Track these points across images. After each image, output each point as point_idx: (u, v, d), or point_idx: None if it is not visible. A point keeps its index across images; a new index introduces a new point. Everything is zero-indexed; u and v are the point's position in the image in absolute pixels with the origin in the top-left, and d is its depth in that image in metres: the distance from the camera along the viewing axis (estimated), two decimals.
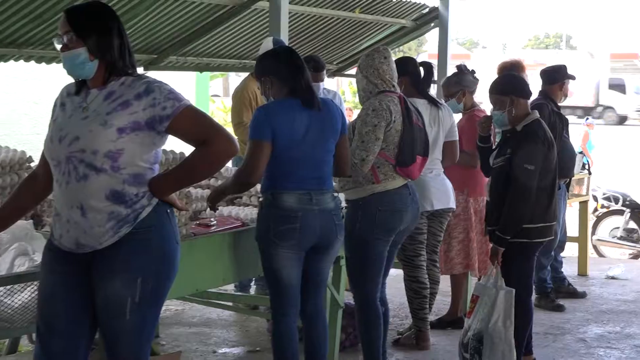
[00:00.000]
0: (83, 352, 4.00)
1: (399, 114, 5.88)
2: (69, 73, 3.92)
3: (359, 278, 6.09)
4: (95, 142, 3.74)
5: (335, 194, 5.63)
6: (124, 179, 3.78)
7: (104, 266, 3.82)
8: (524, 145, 6.09)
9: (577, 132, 14.09)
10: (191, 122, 3.85)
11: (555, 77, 8.55)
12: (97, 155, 3.74)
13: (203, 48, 10.19)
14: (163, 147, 4.08)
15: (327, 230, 5.45)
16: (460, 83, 7.37)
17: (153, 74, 10.37)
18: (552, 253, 8.63)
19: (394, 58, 6.11)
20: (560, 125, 8.08)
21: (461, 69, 7.54)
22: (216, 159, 3.94)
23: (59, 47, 3.87)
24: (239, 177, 5.37)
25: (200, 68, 11.34)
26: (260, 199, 5.54)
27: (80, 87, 3.92)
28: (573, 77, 8.70)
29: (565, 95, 8.62)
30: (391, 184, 5.93)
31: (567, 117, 8.88)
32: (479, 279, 7.18)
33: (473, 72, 7.73)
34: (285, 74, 5.38)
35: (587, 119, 20.01)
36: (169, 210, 3.95)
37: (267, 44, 7.55)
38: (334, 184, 5.75)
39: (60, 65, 4.03)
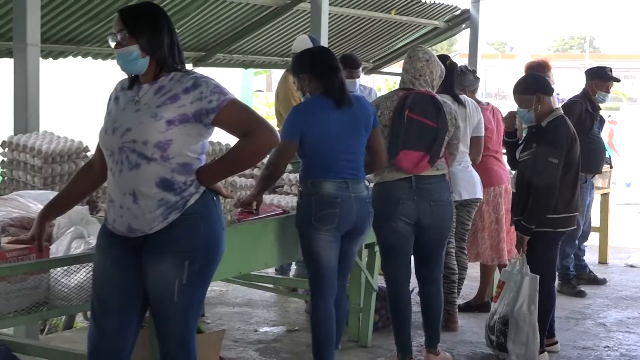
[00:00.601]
0: (134, 329, 4.03)
1: (388, 109, 5.88)
2: (122, 69, 3.94)
3: (383, 262, 6.20)
4: (145, 133, 3.77)
5: (367, 184, 5.66)
6: (172, 167, 3.80)
7: (153, 250, 3.85)
8: (547, 141, 6.09)
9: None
10: (235, 115, 3.86)
11: (595, 75, 8.50)
12: (147, 145, 3.77)
13: (248, 46, 10.20)
14: (210, 139, 4.08)
15: (362, 216, 5.51)
16: (462, 83, 7.27)
17: (201, 71, 10.41)
18: (576, 242, 8.59)
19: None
20: (589, 123, 8.03)
21: (462, 69, 7.44)
22: (259, 150, 3.97)
23: (113, 44, 3.89)
24: (262, 175, 5.46)
25: (245, 65, 11.36)
26: (300, 188, 5.55)
27: (133, 82, 3.95)
28: (617, 80, 8.67)
29: (608, 92, 8.54)
30: (388, 176, 5.92)
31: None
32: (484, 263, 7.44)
33: (474, 71, 7.69)
34: (321, 74, 5.42)
35: (610, 116, 19.87)
36: (215, 198, 3.97)
37: (304, 41, 7.55)
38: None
39: (114, 61, 4.04)
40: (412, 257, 6.17)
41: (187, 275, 3.83)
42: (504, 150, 7.27)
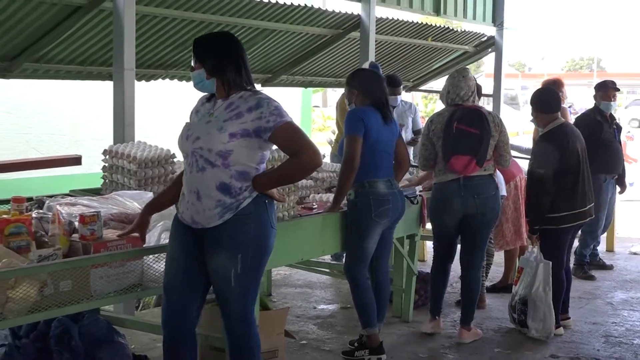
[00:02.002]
0: (197, 305, 4.10)
1: (440, 123, 5.92)
2: (195, 87, 4.06)
3: (434, 245, 6.32)
4: (210, 142, 3.83)
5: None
6: (231, 174, 3.84)
7: (210, 242, 3.91)
8: (537, 151, 6.28)
9: None
10: (288, 136, 3.86)
11: (599, 88, 8.45)
12: (211, 152, 3.83)
13: (307, 68, 10.21)
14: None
15: (402, 207, 5.69)
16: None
17: (268, 89, 10.49)
18: (598, 233, 8.54)
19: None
20: (600, 131, 7.93)
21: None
22: (303, 169, 4.01)
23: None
24: (345, 170, 5.45)
25: (305, 84, 11.38)
26: (353, 188, 5.52)
27: (211, 97, 4.01)
28: (617, 89, 8.59)
29: (611, 101, 8.42)
30: (442, 178, 5.99)
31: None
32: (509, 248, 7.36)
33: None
34: (371, 91, 5.52)
35: (629, 132, 19.32)
36: (267, 201, 3.95)
37: (365, 65, 7.61)
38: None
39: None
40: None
41: (241, 266, 3.87)
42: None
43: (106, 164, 5.54)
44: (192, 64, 4.00)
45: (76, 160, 7.34)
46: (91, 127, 9.33)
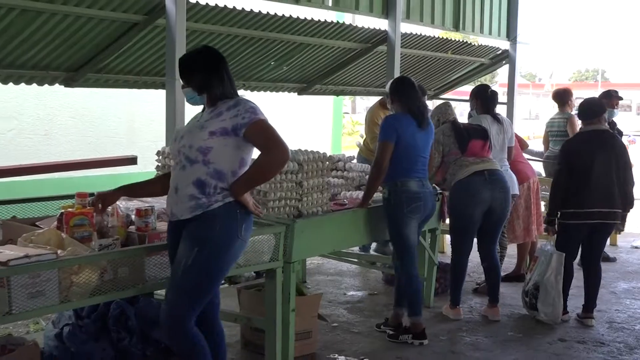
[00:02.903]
0: None
1: (446, 129, 6.14)
2: (188, 103, 4.04)
3: (454, 239, 6.32)
4: (192, 139, 3.77)
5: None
6: (208, 171, 3.73)
7: (183, 233, 3.80)
8: (560, 149, 6.36)
9: None
10: (259, 132, 3.74)
11: (604, 97, 8.42)
12: (192, 149, 3.75)
13: (339, 79, 10.21)
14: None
15: (433, 205, 5.78)
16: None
17: (303, 97, 10.50)
18: None
19: (472, 87, 6.23)
20: None
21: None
22: (273, 164, 3.82)
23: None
24: (374, 173, 5.51)
25: (336, 93, 11.36)
26: (387, 187, 5.55)
27: (204, 108, 3.94)
28: (620, 98, 8.66)
29: (614, 108, 8.42)
30: (463, 173, 6.02)
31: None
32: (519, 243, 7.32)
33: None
34: (407, 99, 5.55)
35: (630, 136, 18.84)
36: (239, 211, 3.79)
37: (390, 83, 7.69)
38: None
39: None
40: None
41: (193, 259, 3.70)
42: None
43: (159, 164, 5.57)
44: (182, 82, 3.93)
45: (132, 160, 7.39)
46: (146, 130, 9.39)
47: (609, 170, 5.95)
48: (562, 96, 8.58)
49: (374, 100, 10.92)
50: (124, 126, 9.52)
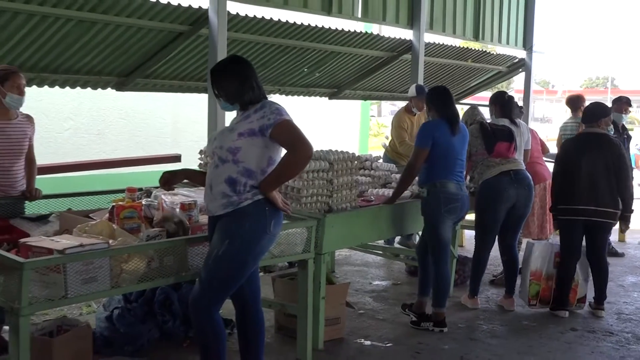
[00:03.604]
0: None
1: (474, 131, 6.05)
2: (222, 109, 4.07)
3: (479, 235, 6.23)
4: (223, 140, 3.76)
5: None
6: (238, 170, 3.72)
7: (216, 226, 3.80)
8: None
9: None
10: (285, 132, 3.70)
11: (613, 103, 8.37)
12: (223, 149, 3.74)
13: (366, 84, 10.18)
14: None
15: (467, 207, 5.68)
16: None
17: (333, 102, 10.47)
18: None
19: (490, 93, 6.17)
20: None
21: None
22: (297, 163, 3.77)
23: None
24: (406, 175, 5.50)
25: (364, 98, 11.34)
26: (421, 188, 5.54)
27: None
28: (629, 104, 8.46)
29: (623, 113, 8.29)
30: (490, 173, 5.97)
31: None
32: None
33: (520, 107, 7.52)
34: (443, 107, 5.51)
35: (637, 145, 18.16)
36: (268, 208, 3.76)
37: (414, 87, 7.83)
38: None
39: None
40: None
41: (223, 250, 3.70)
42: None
43: (201, 162, 5.60)
44: (213, 90, 3.90)
45: (176, 158, 7.45)
46: (189, 131, 9.43)
47: (599, 172, 5.79)
48: (574, 102, 8.50)
49: (399, 104, 10.89)
50: (169, 127, 9.57)
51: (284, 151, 3.79)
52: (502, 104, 6.37)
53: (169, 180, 4.13)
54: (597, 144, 5.87)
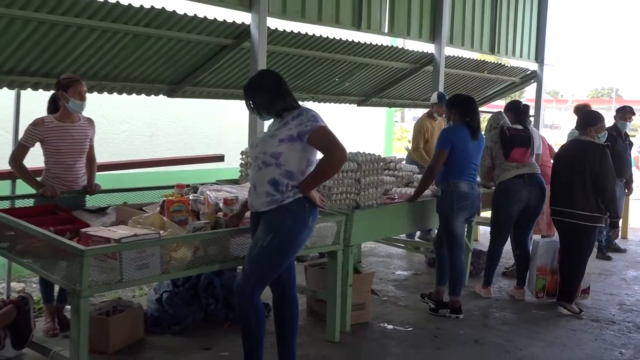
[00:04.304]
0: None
1: (496, 135, 5.99)
2: (259, 119, 4.06)
3: (494, 231, 6.17)
4: (265, 147, 3.75)
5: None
6: (280, 172, 3.71)
7: (260, 221, 3.79)
8: None
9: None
10: (321, 137, 3.69)
11: (617, 111, 8.30)
12: (266, 154, 3.73)
13: (391, 93, 10.12)
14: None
15: (478, 206, 5.65)
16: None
17: (362, 109, 10.43)
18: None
19: (504, 101, 6.09)
20: (614, 143, 7.58)
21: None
22: (333, 164, 3.76)
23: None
24: (427, 176, 5.46)
25: (389, 105, 11.26)
26: (437, 187, 5.52)
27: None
28: (633, 112, 8.31)
29: (627, 121, 8.12)
30: (506, 175, 5.92)
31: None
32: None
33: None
34: (465, 113, 5.46)
35: (639, 148, 17.58)
36: (307, 205, 3.76)
37: (435, 95, 7.84)
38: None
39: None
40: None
41: (268, 241, 3.70)
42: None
43: (242, 162, 5.61)
44: (249, 107, 3.87)
45: (220, 158, 7.47)
46: (232, 134, 9.45)
47: (579, 177, 5.59)
48: (581, 110, 8.36)
49: (420, 111, 10.80)
50: (214, 130, 9.60)
51: (319, 154, 3.79)
52: (517, 112, 6.29)
53: (237, 222, 4.18)
54: (582, 150, 5.68)
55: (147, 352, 4.52)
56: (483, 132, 5.84)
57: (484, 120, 9.86)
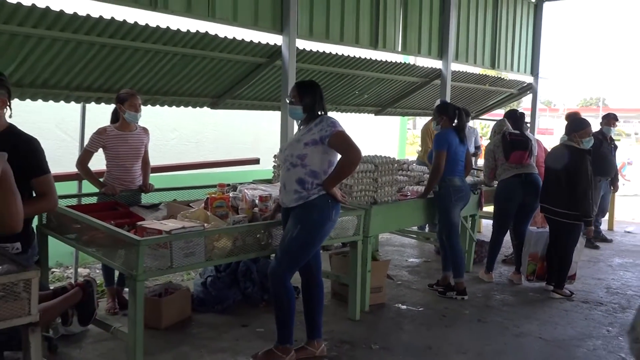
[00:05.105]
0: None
1: (497, 141, 5.96)
2: (290, 117, 4.00)
3: (496, 223, 6.12)
4: (293, 150, 3.75)
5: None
6: (306, 172, 3.71)
7: (289, 216, 3.79)
8: None
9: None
10: (339, 140, 3.68)
11: (603, 118, 8.12)
12: (293, 156, 3.73)
13: (404, 104, 10.05)
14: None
15: (469, 196, 5.60)
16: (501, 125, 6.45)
17: (379, 118, 10.35)
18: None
19: (503, 110, 6.00)
20: (599, 147, 7.44)
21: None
22: (350, 164, 3.72)
23: (288, 102, 3.88)
24: (434, 174, 5.36)
25: (402, 114, 11.18)
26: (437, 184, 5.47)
27: (300, 124, 3.90)
28: (616, 119, 8.15)
29: (611, 126, 7.98)
30: (505, 175, 5.88)
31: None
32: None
33: (527, 123, 7.16)
34: (453, 119, 5.42)
35: (628, 159, 17.03)
36: (330, 201, 3.75)
37: (439, 102, 7.54)
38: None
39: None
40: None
41: (297, 232, 3.70)
42: None
43: (275, 164, 5.61)
44: (291, 100, 3.83)
45: (256, 161, 7.49)
46: (266, 140, 9.46)
47: (556, 177, 5.49)
48: (574, 117, 8.24)
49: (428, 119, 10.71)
50: (250, 137, 9.62)
51: (338, 155, 3.78)
52: (515, 119, 6.22)
53: (272, 217, 4.17)
54: (563, 153, 5.55)
55: (194, 328, 4.54)
56: (488, 138, 5.81)
57: (488, 127, 9.75)
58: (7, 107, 3.03)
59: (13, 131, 3.02)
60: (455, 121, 5.43)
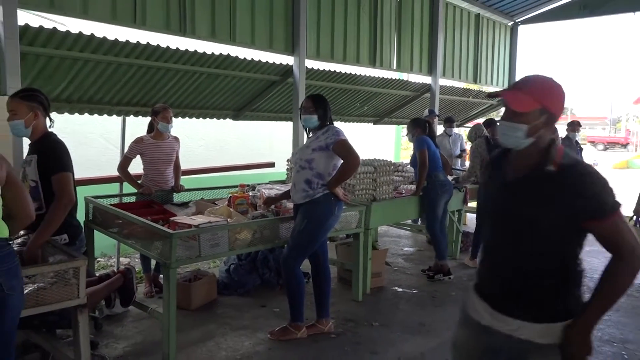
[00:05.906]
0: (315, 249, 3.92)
1: (481, 143, 5.82)
2: (303, 124, 3.87)
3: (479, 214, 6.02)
4: (302, 154, 3.75)
5: None
6: (313, 174, 3.70)
7: (299, 210, 3.79)
8: None
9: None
10: (341, 147, 3.67)
11: (568, 125, 7.98)
12: (302, 160, 3.73)
13: (399, 114, 10.01)
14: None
15: (452, 190, 5.57)
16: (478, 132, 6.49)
17: (377, 127, 10.28)
18: None
19: (483, 119, 5.87)
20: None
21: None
22: (350, 168, 3.68)
23: (301, 112, 3.85)
24: (422, 170, 5.32)
25: (397, 123, 11.12)
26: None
27: (309, 132, 3.86)
28: (580, 125, 8.05)
29: (576, 132, 7.88)
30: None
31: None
32: None
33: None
34: (423, 127, 5.44)
35: (594, 161, 16.68)
36: (333, 198, 3.74)
37: (426, 111, 7.52)
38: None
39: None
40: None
41: (304, 225, 3.71)
42: None
43: (288, 167, 5.60)
44: (306, 110, 3.78)
45: (272, 165, 7.48)
46: (280, 146, 9.46)
47: None
48: None
49: None
50: (266, 143, 9.63)
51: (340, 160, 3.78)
52: (493, 126, 6.19)
53: (269, 203, 4.15)
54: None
55: (219, 308, 4.54)
56: (466, 139, 5.77)
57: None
58: (47, 117, 3.10)
59: (47, 138, 3.06)
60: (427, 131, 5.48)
